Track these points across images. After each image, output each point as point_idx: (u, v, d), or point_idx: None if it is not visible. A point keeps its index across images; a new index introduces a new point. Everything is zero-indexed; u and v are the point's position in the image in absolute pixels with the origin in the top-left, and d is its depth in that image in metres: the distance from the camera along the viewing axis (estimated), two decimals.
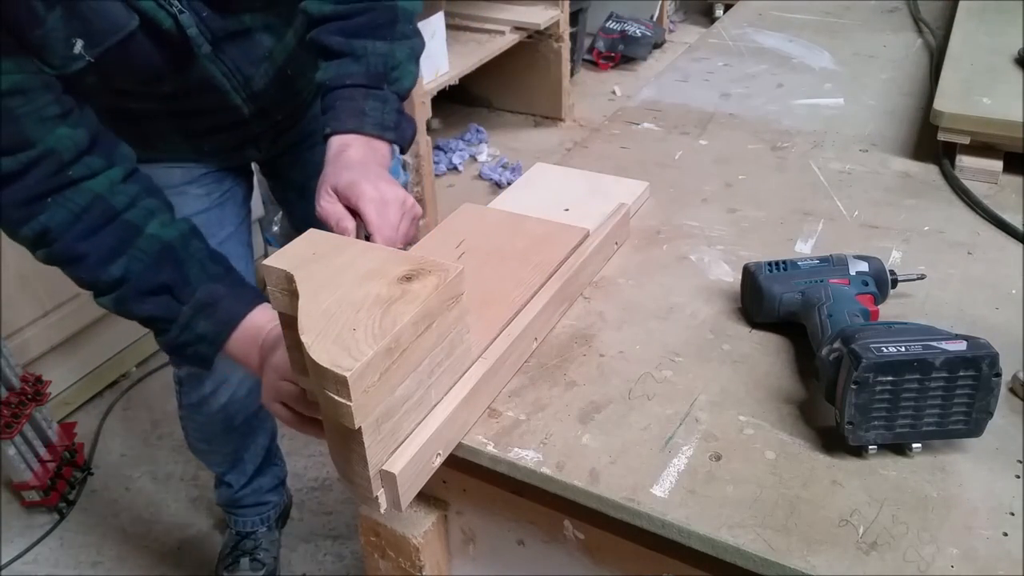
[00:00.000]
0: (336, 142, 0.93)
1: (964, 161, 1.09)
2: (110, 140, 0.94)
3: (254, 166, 1.40)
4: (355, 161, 0.90)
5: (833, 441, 0.69)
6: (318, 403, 0.80)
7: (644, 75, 3.88)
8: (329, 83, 0.96)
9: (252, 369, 0.92)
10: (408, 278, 0.68)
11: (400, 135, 0.96)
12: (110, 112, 0.97)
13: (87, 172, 0.89)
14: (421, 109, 2.53)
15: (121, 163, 0.92)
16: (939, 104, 1.11)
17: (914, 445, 0.68)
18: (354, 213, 0.87)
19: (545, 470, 0.69)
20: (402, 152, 0.99)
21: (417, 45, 1.01)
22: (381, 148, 0.94)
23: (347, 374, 0.59)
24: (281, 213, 2.49)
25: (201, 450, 1.57)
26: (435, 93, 2.70)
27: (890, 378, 0.64)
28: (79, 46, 0.87)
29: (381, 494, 0.67)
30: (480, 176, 3.19)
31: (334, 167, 0.90)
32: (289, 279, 0.70)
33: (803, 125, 1.26)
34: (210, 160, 1.25)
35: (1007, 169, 1.08)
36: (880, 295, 0.81)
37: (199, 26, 0.97)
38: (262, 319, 0.91)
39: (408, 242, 0.90)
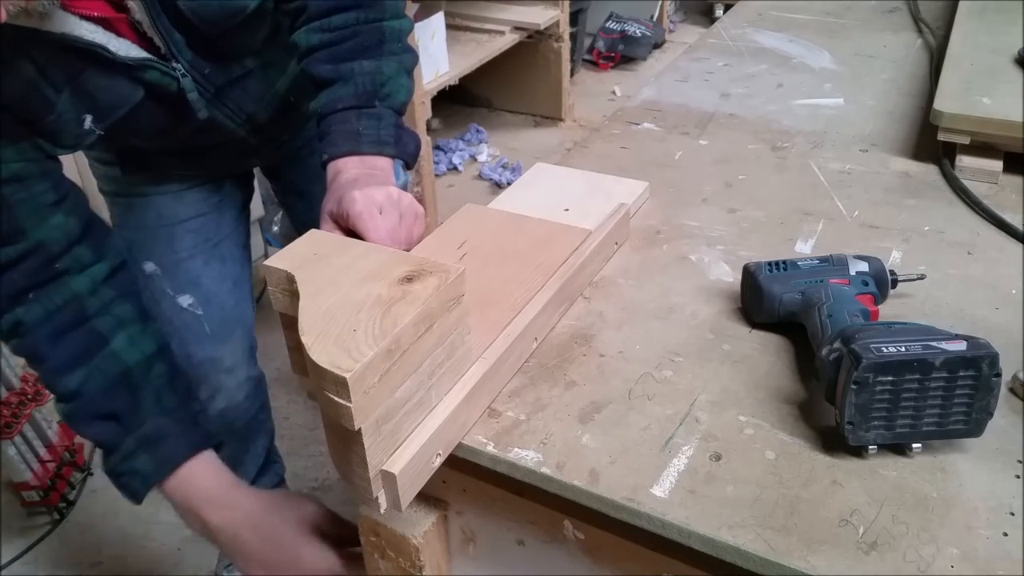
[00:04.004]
0: (332, 168, 0.91)
1: (964, 161, 1.09)
2: (102, 230, 0.96)
3: (256, 169, 1.40)
4: (350, 180, 0.88)
5: (833, 441, 0.69)
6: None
7: (644, 75, 3.88)
8: (322, 110, 0.94)
9: (192, 525, 0.95)
10: (409, 279, 0.68)
11: (401, 149, 0.94)
12: (112, 149, 0.98)
13: (74, 265, 0.91)
14: (421, 109, 2.53)
15: (109, 257, 0.94)
16: (939, 104, 1.11)
17: (914, 445, 0.68)
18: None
19: (545, 470, 0.69)
20: (408, 167, 0.97)
21: (407, 60, 0.99)
22: (380, 164, 0.92)
23: (347, 375, 0.59)
24: (281, 213, 2.49)
25: None
26: (435, 93, 2.70)
27: (890, 378, 0.64)
28: (88, 121, 0.90)
29: (381, 495, 0.67)
30: (480, 176, 3.19)
31: (330, 192, 0.88)
32: (290, 279, 0.70)
33: (803, 125, 1.26)
34: (210, 171, 1.25)
35: (1007, 169, 1.08)
36: (880, 295, 0.81)
37: (200, 87, 0.98)
38: (201, 470, 0.93)
39: (414, 241, 0.88)
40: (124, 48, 0.89)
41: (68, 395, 0.91)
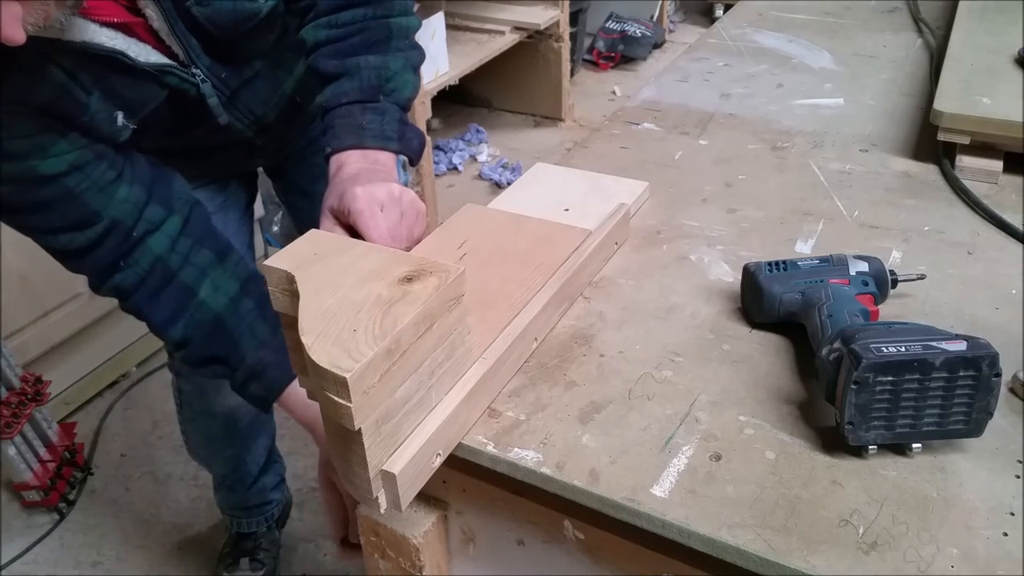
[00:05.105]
0: (334, 161, 0.92)
1: (964, 161, 1.09)
2: (165, 182, 1.00)
3: (258, 168, 1.40)
4: (351, 175, 0.88)
5: (833, 441, 0.69)
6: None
7: (644, 75, 3.89)
8: (326, 104, 0.95)
9: (309, 431, 1.02)
10: (409, 279, 0.68)
11: (405, 145, 0.94)
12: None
13: (150, 227, 0.96)
14: (421, 109, 2.53)
15: (178, 207, 0.99)
16: (939, 104, 1.11)
17: (914, 445, 0.68)
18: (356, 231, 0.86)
19: (545, 470, 0.69)
20: (412, 163, 0.97)
21: (413, 57, 0.99)
22: (383, 159, 0.92)
23: (347, 375, 0.59)
24: (281, 213, 2.49)
25: (202, 455, 1.57)
26: (435, 93, 2.71)
27: (890, 378, 0.64)
28: (120, 118, 0.93)
29: (381, 495, 0.67)
30: (480, 176, 3.19)
31: (331, 186, 0.89)
32: (290, 279, 0.70)
33: (803, 125, 1.26)
34: (215, 172, 1.25)
35: (1007, 169, 1.08)
36: (880, 295, 0.81)
37: (218, 92, 1.01)
38: (298, 392, 0.98)
39: (415, 239, 0.88)
40: (144, 54, 0.90)
41: (176, 345, 1.00)
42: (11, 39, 0.69)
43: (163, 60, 0.92)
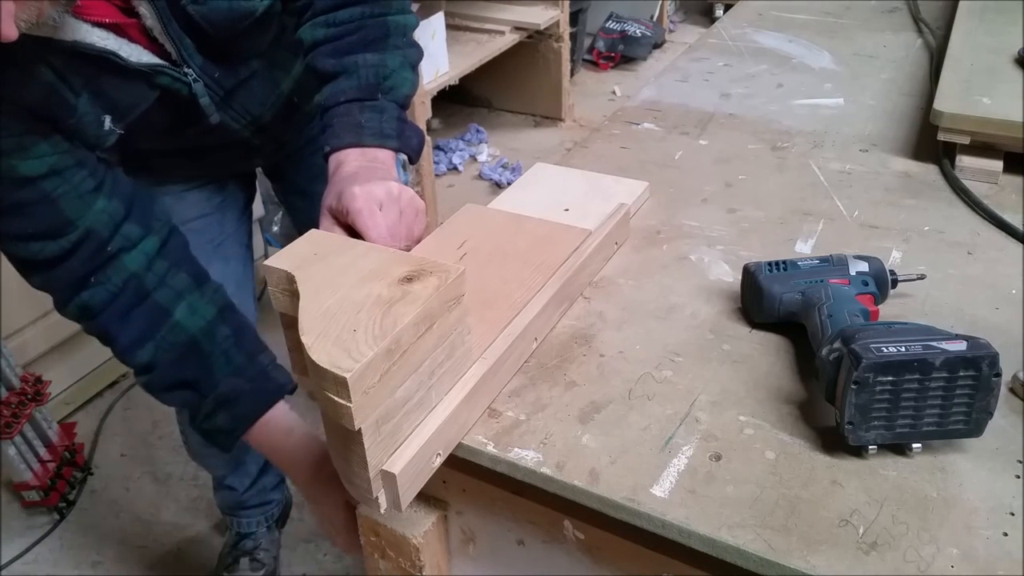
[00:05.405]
0: (333, 160, 0.91)
1: (964, 161, 1.09)
2: (145, 201, 0.98)
3: (257, 169, 1.40)
4: (350, 174, 0.88)
5: (833, 441, 0.69)
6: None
7: (644, 75, 3.88)
8: (325, 103, 0.94)
9: (278, 465, 1.00)
10: (409, 279, 0.68)
11: (404, 143, 0.93)
12: (118, 151, 0.99)
13: (125, 243, 0.93)
14: (421, 109, 2.53)
15: (156, 228, 0.97)
16: (939, 104, 1.11)
17: (914, 445, 0.68)
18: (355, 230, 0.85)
19: (545, 470, 0.69)
20: (412, 161, 0.97)
21: (411, 54, 0.99)
22: (381, 156, 0.92)
23: (347, 375, 0.59)
24: (281, 213, 2.49)
25: (202, 455, 1.56)
26: (435, 93, 2.70)
27: (890, 378, 0.64)
28: (108, 122, 0.92)
29: (381, 495, 0.67)
30: (480, 176, 3.19)
31: (330, 185, 0.88)
32: (290, 279, 0.70)
33: (803, 125, 1.26)
34: (212, 172, 1.25)
35: (1007, 169, 1.08)
36: (880, 295, 0.81)
37: (210, 91, 1.00)
38: (279, 418, 0.97)
39: (415, 237, 0.88)
40: (136, 54, 0.90)
41: (143, 368, 0.95)
42: (5, 36, 0.69)
43: (155, 60, 0.92)
